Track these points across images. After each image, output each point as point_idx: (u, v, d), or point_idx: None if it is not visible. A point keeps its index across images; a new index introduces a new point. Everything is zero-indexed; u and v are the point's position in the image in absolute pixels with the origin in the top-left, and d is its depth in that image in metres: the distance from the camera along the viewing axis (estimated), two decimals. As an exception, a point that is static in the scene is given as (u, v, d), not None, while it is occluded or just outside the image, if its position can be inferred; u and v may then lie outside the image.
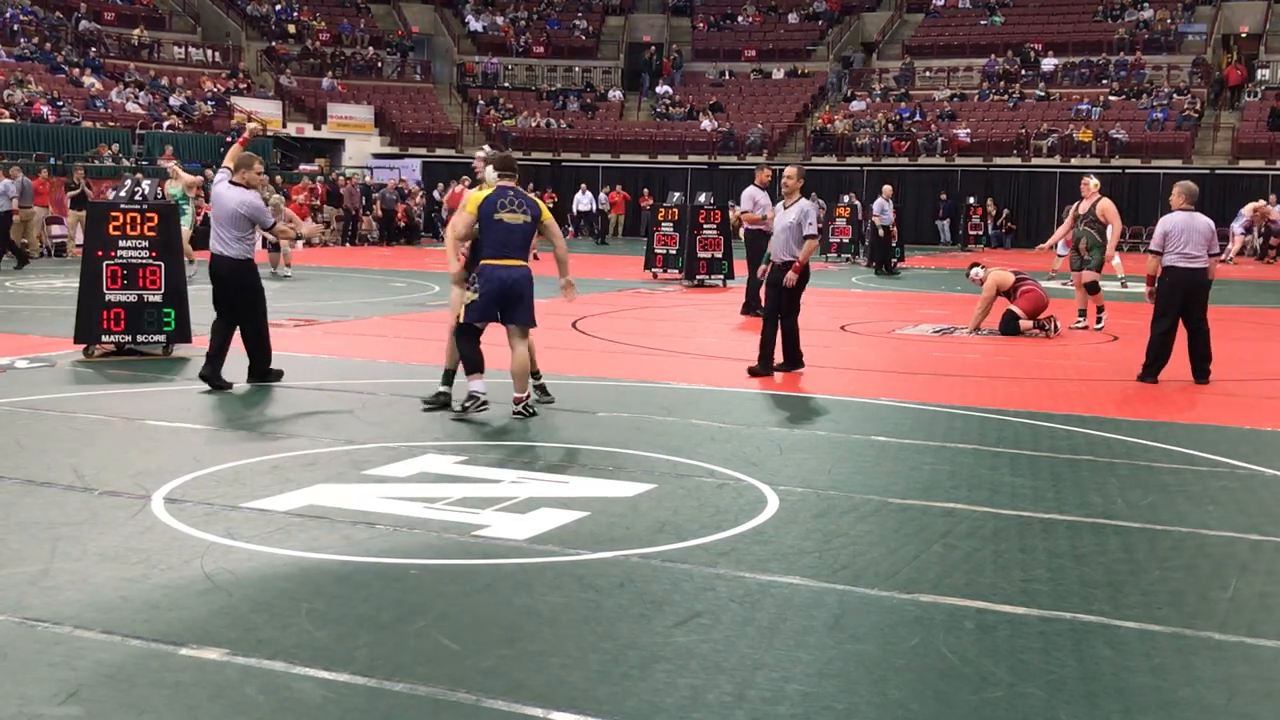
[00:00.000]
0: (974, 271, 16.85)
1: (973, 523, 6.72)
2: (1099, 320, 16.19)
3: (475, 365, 9.31)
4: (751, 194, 17.49)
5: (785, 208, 11.96)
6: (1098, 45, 46.36)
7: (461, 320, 9.33)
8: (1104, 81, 44.94)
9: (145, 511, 6.56)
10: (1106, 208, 16.03)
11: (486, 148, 10.07)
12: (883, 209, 27.01)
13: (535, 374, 10.00)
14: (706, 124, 46.07)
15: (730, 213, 22.05)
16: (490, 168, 9.36)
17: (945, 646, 4.85)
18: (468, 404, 9.24)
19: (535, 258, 10.43)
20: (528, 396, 9.44)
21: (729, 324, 16.88)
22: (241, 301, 10.57)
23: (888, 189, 27.80)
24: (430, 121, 46.85)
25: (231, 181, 10.55)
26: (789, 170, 12.24)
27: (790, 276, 11.73)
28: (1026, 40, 47.37)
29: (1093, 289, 16.24)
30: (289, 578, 5.56)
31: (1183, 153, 40.43)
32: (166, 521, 6.38)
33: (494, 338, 9.72)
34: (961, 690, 4.44)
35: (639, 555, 5.99)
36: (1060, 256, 25.97)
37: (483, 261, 9.25)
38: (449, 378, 9.81)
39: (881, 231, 27.27)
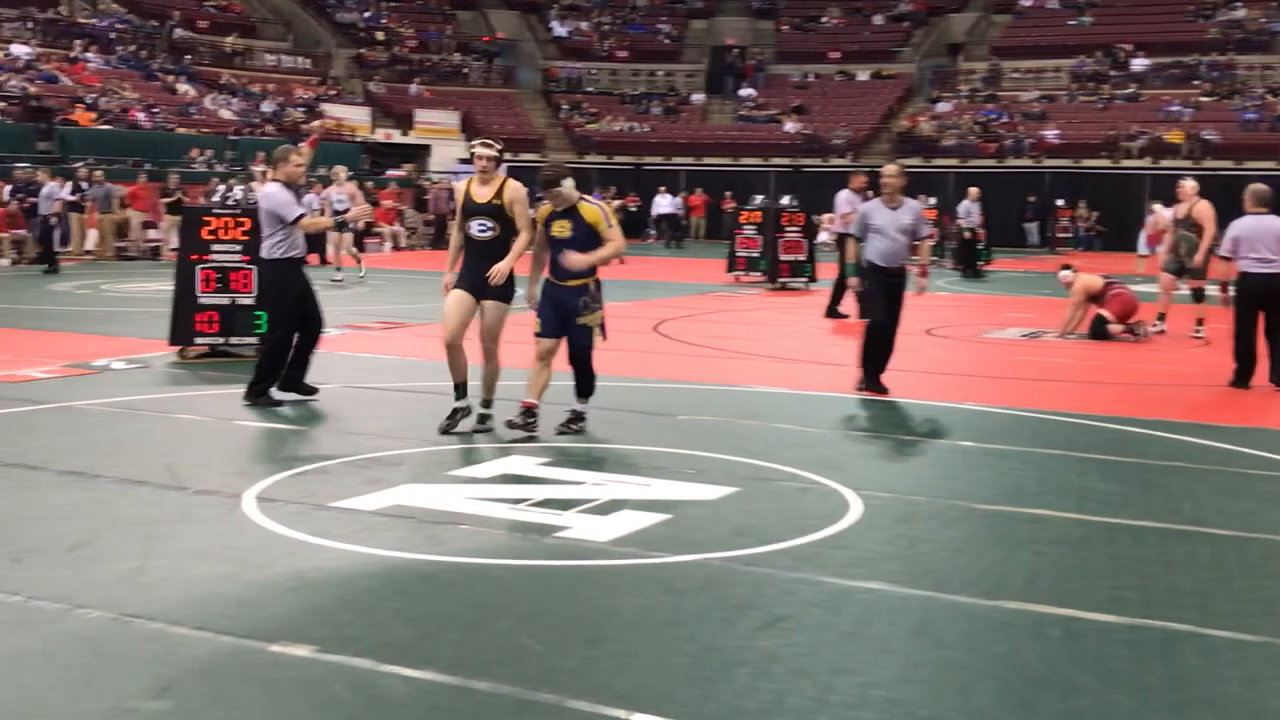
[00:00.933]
0: (1063, 274, 16.62)
1: (1060, 529, 6.65)
2: (1198, 329, 15.65)
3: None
4: (848, 198, 17.39)
5: (892, 209, 10.91)
6: (1189, 45, 45.53)
7: (595, 344, 8.97)
8: (1195, 82, 44.11)
9: (237, 510, 6.69)
10: (1202, 211, 15.62)
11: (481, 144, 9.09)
12: (968, 211, 26.77)
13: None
14: (790, 126, 45.91)
15: (824, 220, 21.26)
16: (570, 181, 8.86)
17: (1031, 654, 4.80)
18: (580, 424, 9.01)
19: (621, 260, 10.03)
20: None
21: (812, 327, 16.81)
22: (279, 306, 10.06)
23: (974, 191, 27.55)
24: (515, 126, 47.15)
25: (273, 179, 10.03)
26: (889, 169, 11.13)
27: (924, 282, 11.42)
28: (1116, 40, 46.65)
29: (1198, 296, 15.77)
30: (375, 576, 5.64)
31: (1277, 154, 39.59)
32: (257, 520, 6.49)
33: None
34: (1047, 698, 4.40)
35: (720, 558, 5.99)
36: (1142, 258, 25.48)
37: (598, 276, 8.99)
38: (463, 388, 9.14)
39: (967, 234, 27.01)
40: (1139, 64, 45.46)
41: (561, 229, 8.83)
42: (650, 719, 4.14)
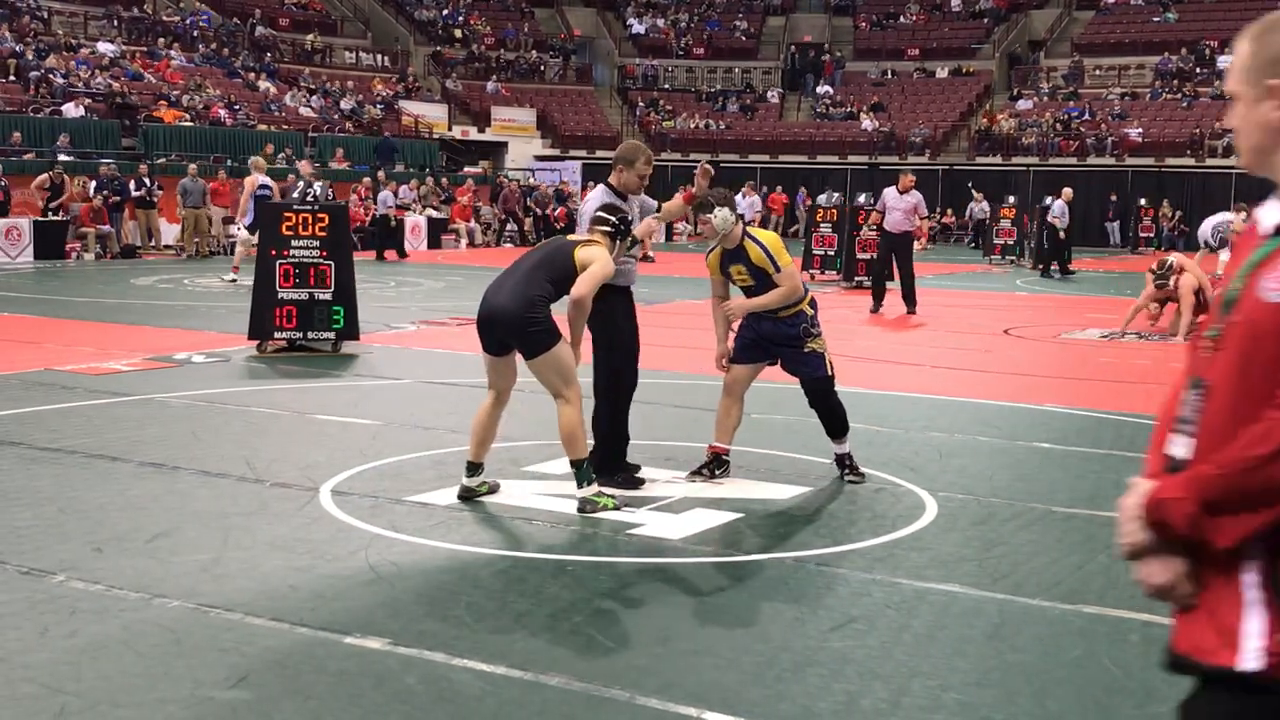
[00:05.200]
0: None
1: (1139, 533, 6.53)
2: None
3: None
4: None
5: None
6: (1278, 42, 44.63)
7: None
8: (1284, 79, 43.26)
9: (313, 503, 6.75)
10: None
11: None
12: (1062, 211, 26.53)
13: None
14: (867, 124, 45.62)
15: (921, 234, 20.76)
16: (725, 212, 7.32)
17: (1109, 659, 4.73)
18: (853, 470, 7.63)
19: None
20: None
21: (887, 326, 16.68)
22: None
23: (1068, 192, 27.26)
24: (591, 124, 47.28)
25: (607, 183, 7.61)
26: None
27: None
28: (1201, 37, 45.85)
29: None
30: (449, 571, 5.67)
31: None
32: (333, 513, 6.56)
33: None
34: (1125, 704, 4.33)
35: (794, 558, 5.96)
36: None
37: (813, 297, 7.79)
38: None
39: (1062, 234, 26.79)
40: (1225, 61, 44.63)
41: (740, 276, 7.53)
42: (721, 718, 4.13)
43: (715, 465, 7.55)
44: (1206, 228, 24.40)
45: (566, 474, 7.53)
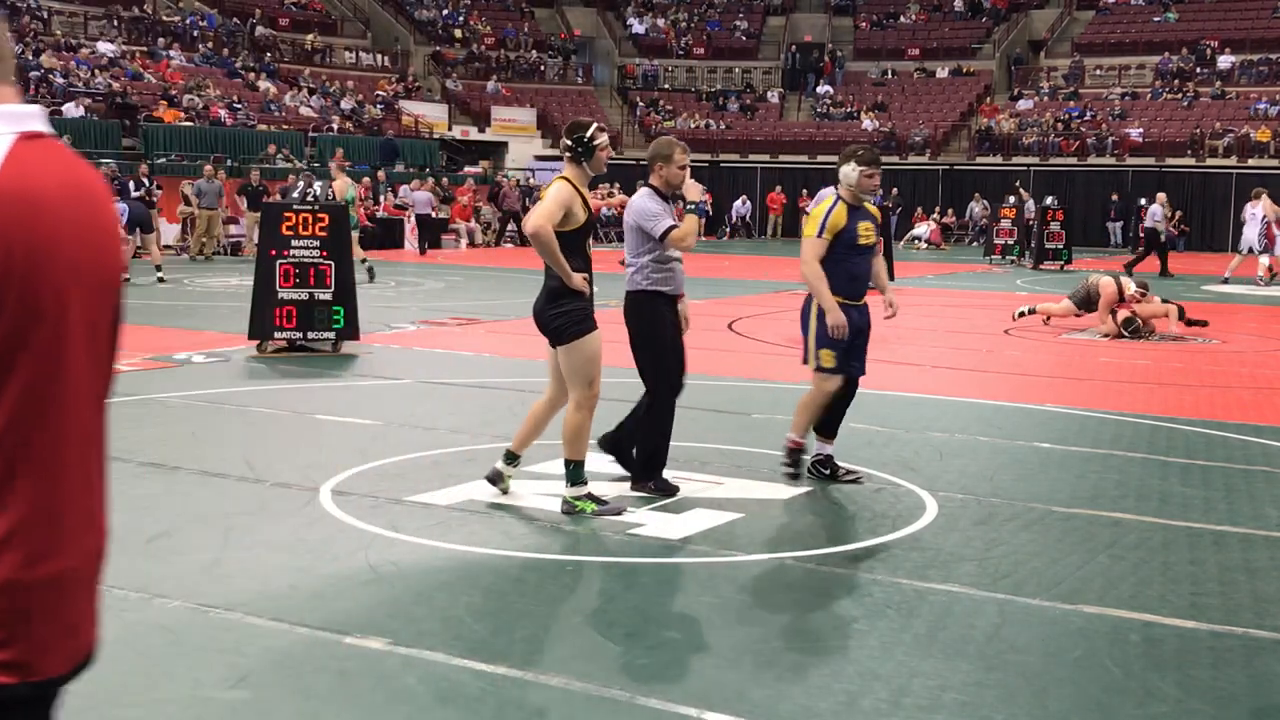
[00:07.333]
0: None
1: (1140, 533, 6.54)
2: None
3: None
4: None
5: None
6: (1277, 42, 44.65)
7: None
8: (1284, 79, 43.27)
9: (313, 503, 6.75)
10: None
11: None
12: (1156, 214, 27.02)
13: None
14: (868, 124, 45.61)
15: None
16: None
17: (1109, 659, 4.73)
18: (850, 474, 7.63)
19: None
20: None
21: (891, 326, 16.67)
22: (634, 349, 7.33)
23: (1162, 196, 27.70)
24: (591, 124, 47.25)
25: (649, 185, 7.27)
26: None
27: None
28: (1202, 37, 45.84)
29: None
30: (449, 571, 5.67)
31: (1369, 152, 38.70)
32: (333, 513, 6.55)
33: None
34: (1125, 704, 4.32)
35: (794, 558, 5.96)
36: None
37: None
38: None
39: (1163, 237, 27.20)
40: (1225, 61, 44.64)
41: (868, 234, 7.52)
42: (721, 717, 4.13)
43: (810, 458, 7.56)
44: (1251, 233, 24.85)
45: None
